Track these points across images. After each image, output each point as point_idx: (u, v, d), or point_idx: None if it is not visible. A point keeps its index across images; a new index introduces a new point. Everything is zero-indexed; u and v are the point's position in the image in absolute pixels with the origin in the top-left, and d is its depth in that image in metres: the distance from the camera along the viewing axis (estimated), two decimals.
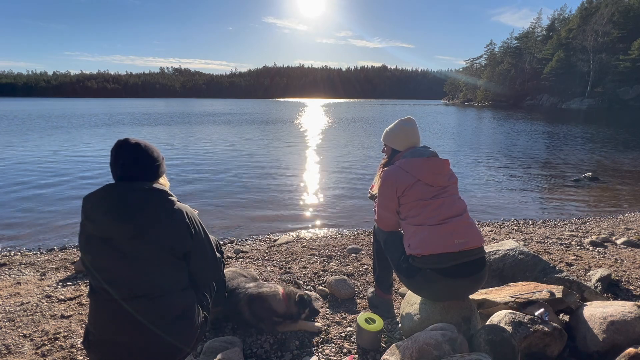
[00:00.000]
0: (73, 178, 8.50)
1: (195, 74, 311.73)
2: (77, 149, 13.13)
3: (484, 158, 12.07)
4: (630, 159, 12.01)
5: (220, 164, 10.61)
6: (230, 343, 2.07)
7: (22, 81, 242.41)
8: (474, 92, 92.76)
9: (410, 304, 2.20)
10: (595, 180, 8.65)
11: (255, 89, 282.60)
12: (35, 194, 7.04)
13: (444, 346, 1.64)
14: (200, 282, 1.69)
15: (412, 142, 2.26)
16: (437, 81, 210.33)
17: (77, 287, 3.05)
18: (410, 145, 2.25)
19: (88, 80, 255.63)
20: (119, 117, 31.79)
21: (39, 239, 4.85)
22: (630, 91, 55.47)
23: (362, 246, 4.07)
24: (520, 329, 1.82)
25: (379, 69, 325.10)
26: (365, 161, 11.14)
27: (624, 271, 3.19)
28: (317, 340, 2.22)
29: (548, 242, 4.20)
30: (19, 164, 10.14)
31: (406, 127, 2.27)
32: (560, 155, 12.69)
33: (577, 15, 70.64)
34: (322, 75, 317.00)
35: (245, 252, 4.01)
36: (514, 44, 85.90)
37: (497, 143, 15.99)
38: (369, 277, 3.13)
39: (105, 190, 1.45)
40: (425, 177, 2.04)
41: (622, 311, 1.93)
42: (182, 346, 1.56)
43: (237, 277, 2.48)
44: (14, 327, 2.40)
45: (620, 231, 4.84)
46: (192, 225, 1.54)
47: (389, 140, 2.32)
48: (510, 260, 2.70)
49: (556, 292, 2.08)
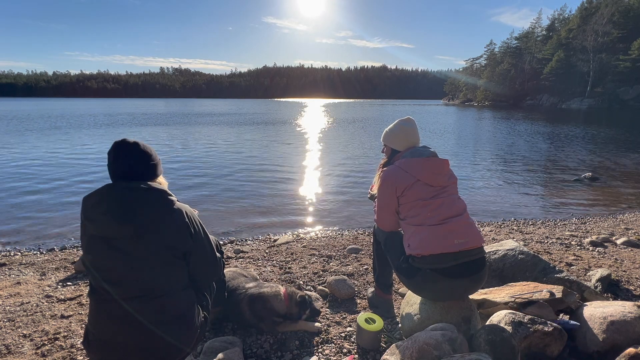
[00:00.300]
0: (73, 178, 8.49)
1: (195, 74, 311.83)
2: (77, 149, 13.13)
3: (484, 158, 12.06)
4: (630, 159, 12.01)
5: (220, 164, 10.60)
6: (230, 343, 2.07)
7: (22, 81, 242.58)
8: (474, 92, 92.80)
9: (410, 304, 2.20)
10: (595, 180, 8.65)
11: (255, 89, 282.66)
12: (35, 194, 7.03)
13: (444, 346, 1.64)
14: (200, 282, 1.69)
15: (411, 142, 2.25)
16: (437, 81, 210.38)
17: (77, 287, 3.05)
18: (410, 145, 2.25)
19: (88, 80, 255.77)
20: (118, 118, 31.76)
21: (39, 239, 4.84)
22: (630, 91, 55.52)
23: (362, 246, 4.07)
24: (520, 329, 1.82)
25: (379, 69, 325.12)
26: (365, 161, 11.14)
27: (623, 271, 3.19)
28: (317, 340, 2.22)
29: (548, 242, 4.20)
30: (19, 164, 10.14)
31: (406, 127, 2.27)
32: (561, 155, 12.69)
33: (577, 15, 70.74)
34: (322, 75, 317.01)
35: (245, 252, 4.01)
36: (514, 44, 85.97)
37: (497, 143, 15.99)
38: (369, 277, 3.13)
39: (104, 190, 1.46)
40: (424, 177, 2.04)
41: (622, 311, 1.94)
42: (182, 346, 1.56)
43: (237, 277, 2.48)
44: (14, 327, 2.40)
45: (620, 231, 4.84)
46: (192, 225, 1.55)
47: (389, 141, 2.32)
48: (510, 260, 2.70)
49: (556, 292, 2.08)
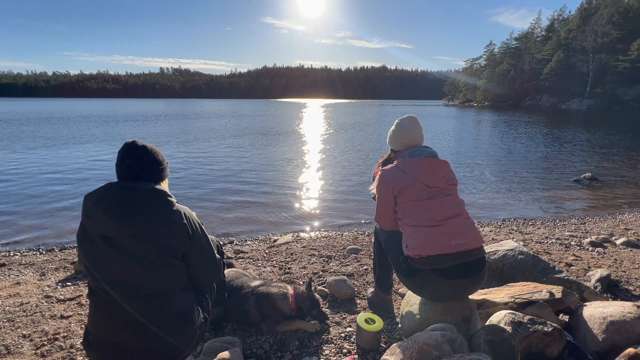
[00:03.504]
0: (73, 179, 8.50)
1: (195, 74, 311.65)
2: (77, 149, 13.12)
3: (484, 159, 12.06)
4: (630, 159, 12.02)
5: (220, 165, 10.61)
6: (230, 343, 2.07)
7: (22, 81, 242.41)
8: (473, 93, 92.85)
9: (410, 304, 2.20)
10: (594, 180, 8.66)
11: (255, 89, 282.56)
12: (35, 194, 7.03)
13: (444, 346, 1.64)
14: (200, 284, 1.69)
15: (411, 140, 2.25)
16: (437, 81, 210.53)
17: (76, 288, 3.05)
18: (409, 145, 2.24)
19: (88, 81, 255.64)
20: (117, 118, 31.73)
21: (38, 239, 4.84)
22: (629, 92, 55.55)
23: (362, 246, 4.07)
24: (520, 329, 1.82)
25: (379, 70, 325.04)
26: (364, 162, 11.14)
27: (623, 271, 3.19)
28: (317, 340, 2.22)
29: (548, 242, 4.20)
30: (18, 164, 10.13)
31: (403, 126, 2.27)
32: (560, 156, 12.70)
33: (576, 15, 70.79)
34: (322, 75, 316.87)
35: (245, 252, 4.00)
36: (513, 45, 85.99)
37: (496, 144, 15.99)
38: (368, 278, 3.13)
39: (105, 189, 1.46)
40: (422, 177, 2.03)
41: (622, 311, 1.94)
42: (182, 346, 1.56)
43: (240, 277, 2.48)
44: (13, 327, 2.40)
45: (619, 231, 4.84)
46: (190, 227, 1.55)
47: (389, 141, 2.37)
48: (510, 261, 2.70)
49: (556, 293, 2.08)
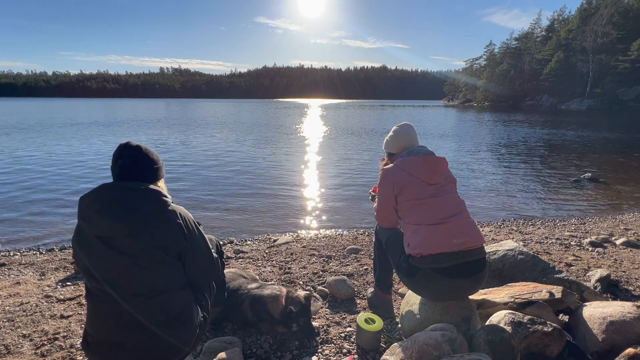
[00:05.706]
0: (73, 179, 8.49)
1: (195, 74, 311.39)
2: (77, 150, 13.12)
3: (484, 159, 12.07)
4: (630, 159, 12.02)
5: (220, 165, 10.61)
6: (230, 343, 2.07)
7: (22, 81, 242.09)
8: (473, 93, 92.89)
9: (410, 304, 2.20)
10: (594, 180, 8.66)
11: (255, 89, 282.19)
12: (34, 194, 7.03)
13: (444, 346, 1.64)
14: (198, 283, 1.69)
15: (407, 143, 2.30)
16: (437, 81, 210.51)
17: (76, 287, 3.05)
18: (407, 147, 2.28)
19: (88, 81, 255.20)
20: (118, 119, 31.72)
21: (38, 239, 4.84)
22: (629, 92, 55.55)
23: (361, 246, 4.07)
24: (519, 329, 1.82)
25: (379, 70, 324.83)
26: (364, 163, 11.14)
27: (623, 271, 3.20)
28: (317, 340, 2.22)
29: (548, 242, 4.20)
30: (18, 164, 10.13)
31: (400, 131, 2.34)
32: (560, 156, 12.70)
33: (576, 16, 70.81)
34: (322, 75, 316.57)
35: (245, 252, 4.00)
36: (513, 45, 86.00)
37: (496, 144, 15.99)
38: (368, 277, 3.13)
39: (100, 189, 1.47)
40: (421, 175, 2.07)
41: (622, 311, 1.94)
42: (181, 346, 1.56)
43: (237, 279, 2.48)
44: (13, 327, 2.40)
45: (619, 232, 4.84)
46: (186, 226, 1.55)
47: (386, 146, 2.40)
48: (510, 261, 2.70)
49: (556, 293, 2.08)
